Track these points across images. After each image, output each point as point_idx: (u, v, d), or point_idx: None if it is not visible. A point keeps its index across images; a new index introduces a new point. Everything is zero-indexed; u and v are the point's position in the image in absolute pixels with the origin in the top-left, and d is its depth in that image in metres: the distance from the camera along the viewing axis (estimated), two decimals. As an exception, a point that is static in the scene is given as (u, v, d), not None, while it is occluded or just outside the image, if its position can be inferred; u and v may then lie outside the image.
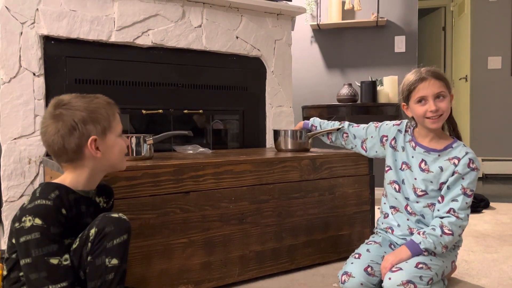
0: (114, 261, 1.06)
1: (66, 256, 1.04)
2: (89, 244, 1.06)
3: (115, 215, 1.12)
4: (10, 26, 1.76)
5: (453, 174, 1.50)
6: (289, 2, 2.54)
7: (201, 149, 1.91)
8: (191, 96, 2.25)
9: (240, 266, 1.61)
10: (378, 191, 2.00)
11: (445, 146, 1.55)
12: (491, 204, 3.18)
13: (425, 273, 1.39)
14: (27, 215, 1.01)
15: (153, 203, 1.42)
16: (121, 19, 1.99)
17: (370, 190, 1.95)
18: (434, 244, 1.42)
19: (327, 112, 3.54)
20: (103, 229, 1.07)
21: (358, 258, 1.52)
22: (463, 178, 1.49)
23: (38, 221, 1.00)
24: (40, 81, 1.82)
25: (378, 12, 3.73)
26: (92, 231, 1.07)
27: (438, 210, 1.50)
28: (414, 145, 1.60)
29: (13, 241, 1.05)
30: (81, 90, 1.91)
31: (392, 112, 3.58)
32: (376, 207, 1.98)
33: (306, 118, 3.79)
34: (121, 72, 2.04)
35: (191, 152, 1.89)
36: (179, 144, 2.12)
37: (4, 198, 1.75)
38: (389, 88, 3.63)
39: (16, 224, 1.03)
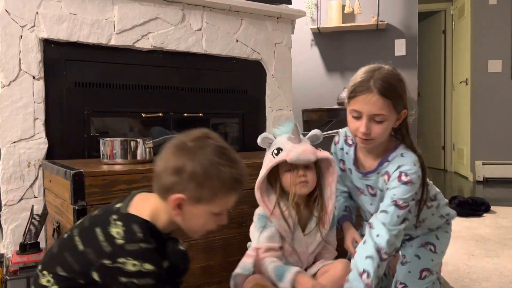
0: None
1: None
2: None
3: (183, 247, 1.14)
4: (10, 29, 1.76)
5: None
6: (289, 6, 2.54)
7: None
8: (191, 99, 2.25)
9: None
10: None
11: (381, 160, 1.32)
12: (492, 207, 3.17)
13: (429, 280, 1.37)
14: (130, 258, 0.90)
15: (153, 206, 1.41)
16: (121, 23, 1.99)
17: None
18: (375, 268, 1.21)
19: (327, 115, 3.54)
20: (176, 265, 1.08)
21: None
22: (394, 194, 1.25)
23: (148, 266, 0.91)
24: (40, 85, 1.81)
25: (378, 15, 3.73)
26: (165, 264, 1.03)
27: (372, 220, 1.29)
28: (354, 167, 1.40)
29: (95, 275, 0.93)
30: (81, 93, 1.92)
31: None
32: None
33: (306, 121, 3.79)
34: (121, 75, 2.04)
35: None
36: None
37: (3, 202, 1.75)
38: (389, 91, 3.63)
39: (107, 262, 0.92)
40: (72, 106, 1.89)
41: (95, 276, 0.93)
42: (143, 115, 2.10)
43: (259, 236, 1.34)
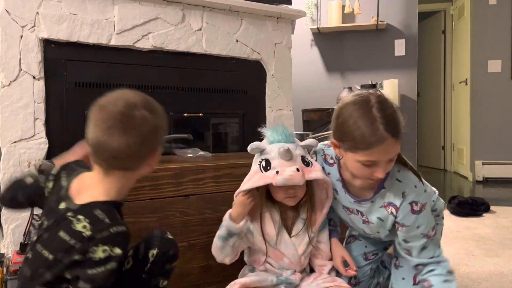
0: (165, 283, 1.08)
1: None
2: (149, 264, 1.05)
3: (170, 236, 1.13)
4: (10, 29, 1.76)
5: (395, 225, 1.25)
6: (289, 6, 2.54)
7: (201, 153, 1.91)
8: (191, 99, 2.25)
9: (240, 270, 1.60)
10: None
11: (377, 187, 1.25)
12: (492, 207, 3.17)
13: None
14: (100, 245, 0.91)
15: (153, 206, 1.41)
16: (121, 23, 2.00)
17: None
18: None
19: (327, 115, 3.55)
20: (167, 252, 1.07)
21: None
22: (418, 227, 1.21)
23: (118, 250, 0.92)
24: (40, 85, 1.81)
25: (378, 15, 3.74)
26: (154, 252, 1.05)
27: (419, 266, 1.26)
28: (343, 190, 1.32)
29: (67, 274, 0.95)
30: (81, 93, 1.92)
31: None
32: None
33: (306, 121, 3.80)
34: (121, 75, 2.04)
35: (191, 155, 1.89)
36: (179, 148, 2.12)
37: (3, 202, 1.75)
38: (389, 91, 3.63)
39: (77, 257, 0.92)
40: (73, 106, 1.89)
41: (68, 275, 0.94)
42: (143, 115, 2.10)
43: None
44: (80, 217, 0.95)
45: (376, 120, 1.07)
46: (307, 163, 1.29)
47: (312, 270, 1.44)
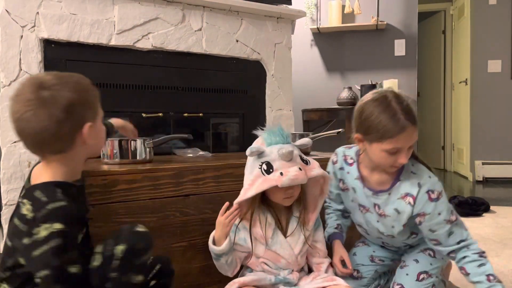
0: (140, 278, 1.01)
1: (79, 265, 0.96)
2: (116, 261, 0.97)
3: (141, 228, 1.04)
4: (11, 29, 1.76)
5: (414, 215, 1.31)
6: (289, 6, 2.54)
7: (201, 153, 1.91)
8: (191, 99, 2.25)
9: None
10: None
11: (393, 180, 1.34)
12: (491, 207, 3.17)
13: (427, 283, 1.37)
14: (41, 224, 0.90)
15: (153, 206, 1.41)
16: (121, 23, 2.00)
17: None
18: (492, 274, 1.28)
19: (327, 115, 3.55)
20: (133, 246, 0.99)
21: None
22: (439, 214, 1.29)
23: (58, 225, 0.90)
24: (40, 84, 1.82)
25: (378, 15, 3.74)
26: (121, 248, 0.97)
27: (454, 252, 1.31)
28: (362, 185, 1.39)
29: (21, 259, 0.96)
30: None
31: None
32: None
33: (306, 121, 3.80)
34: (121, 75, 2.04)
35: (191, 155, 1.89)
36: (179, 148, 2.12)
37: (3, 202, 1.75)
38: (389, 91, 3.63)
39: (25, 240, 0.92)
40: (73, 106, 1.89)
41: (22, 261, 0.96)
42: (143, 115, 2.10)
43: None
44: (25, 201, 0.97)
45: (396, 112, 1.20)
46: (305, 162, 1.30)
47: (310, 270, 1.44)
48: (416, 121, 1.22)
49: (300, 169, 1.24)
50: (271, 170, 1.25)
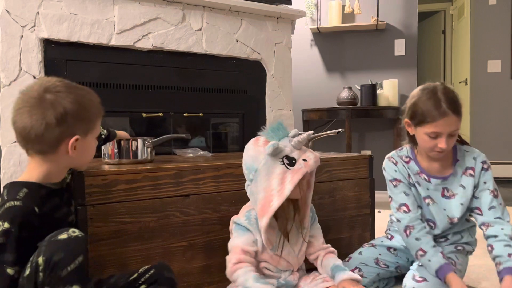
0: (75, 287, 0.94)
1: (17, 268, 0.95)
2: (41, 274, 0.91)
3: (64, 235, 0.95)
4: (11, 29, 1.76)
5: (475, 186, 1.47)
6: (289, 6, 2.54)
7: (201, 152, 1.91)
8: (191, 99, 2.25)
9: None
10: (378, 194, 2.00)
11: (453, 161, 1.49)
12: (491, 207, 3.17)
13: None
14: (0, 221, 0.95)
15: (153, 206, 1.42)
16: (121, 23, 2.00)
17: (370, 193, 1.95)
18: None
19: (327, 115, 3.55)
20: (51, 258, 0.91)
21: (347, 261, 1.56)
22: (485, 183, 1.46)
23: (6, 225, 0.94)
24: (40, 84, 1.82)
25: (378, 15, 3.74)
26: (40, 260, 0.91)
27: (488, 226, 1.42)
28: (427, 178, 1.50)
29: None
30: (81, 93, 1.92)
31: (392, 115, 3.58)
32: (376, 210, 1.98)
33: (306, 121, 3.80)
34: (121, 75, 2.05)
35: (191, 155, 1.89)
36: (180, 147, 2.12)
37: (3, 201, 1.75)
38: (389, 91, 3.63)
39: None
40: (73, 106, 1.89)
41: None
42: (143, 115, 2.11)
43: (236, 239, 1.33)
44: None
45: (440, 99, 1.35)
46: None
47: (309, 270, 1.44)
48: (459, 112, 1.35)
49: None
50: (293, 161, 1.29)
